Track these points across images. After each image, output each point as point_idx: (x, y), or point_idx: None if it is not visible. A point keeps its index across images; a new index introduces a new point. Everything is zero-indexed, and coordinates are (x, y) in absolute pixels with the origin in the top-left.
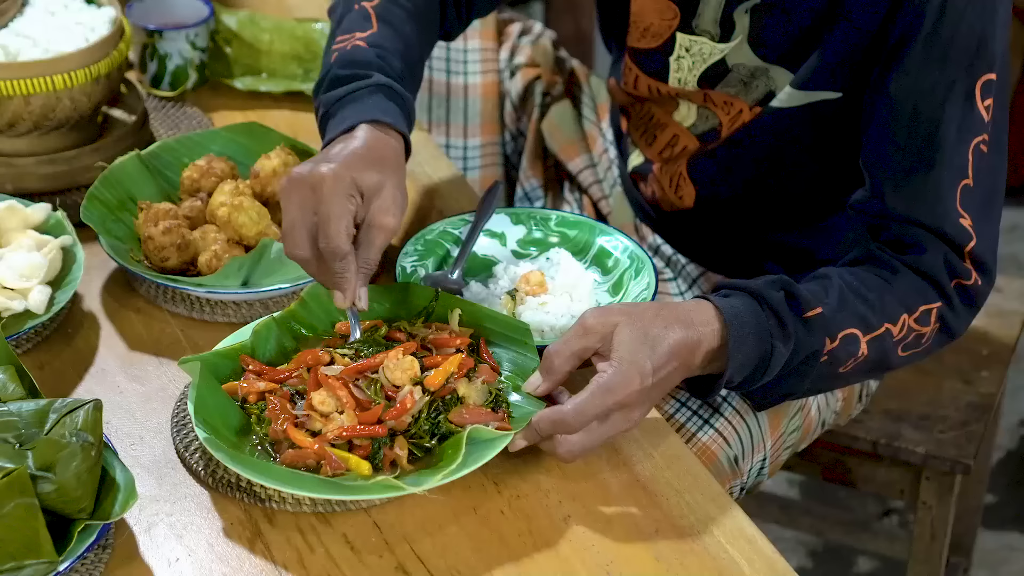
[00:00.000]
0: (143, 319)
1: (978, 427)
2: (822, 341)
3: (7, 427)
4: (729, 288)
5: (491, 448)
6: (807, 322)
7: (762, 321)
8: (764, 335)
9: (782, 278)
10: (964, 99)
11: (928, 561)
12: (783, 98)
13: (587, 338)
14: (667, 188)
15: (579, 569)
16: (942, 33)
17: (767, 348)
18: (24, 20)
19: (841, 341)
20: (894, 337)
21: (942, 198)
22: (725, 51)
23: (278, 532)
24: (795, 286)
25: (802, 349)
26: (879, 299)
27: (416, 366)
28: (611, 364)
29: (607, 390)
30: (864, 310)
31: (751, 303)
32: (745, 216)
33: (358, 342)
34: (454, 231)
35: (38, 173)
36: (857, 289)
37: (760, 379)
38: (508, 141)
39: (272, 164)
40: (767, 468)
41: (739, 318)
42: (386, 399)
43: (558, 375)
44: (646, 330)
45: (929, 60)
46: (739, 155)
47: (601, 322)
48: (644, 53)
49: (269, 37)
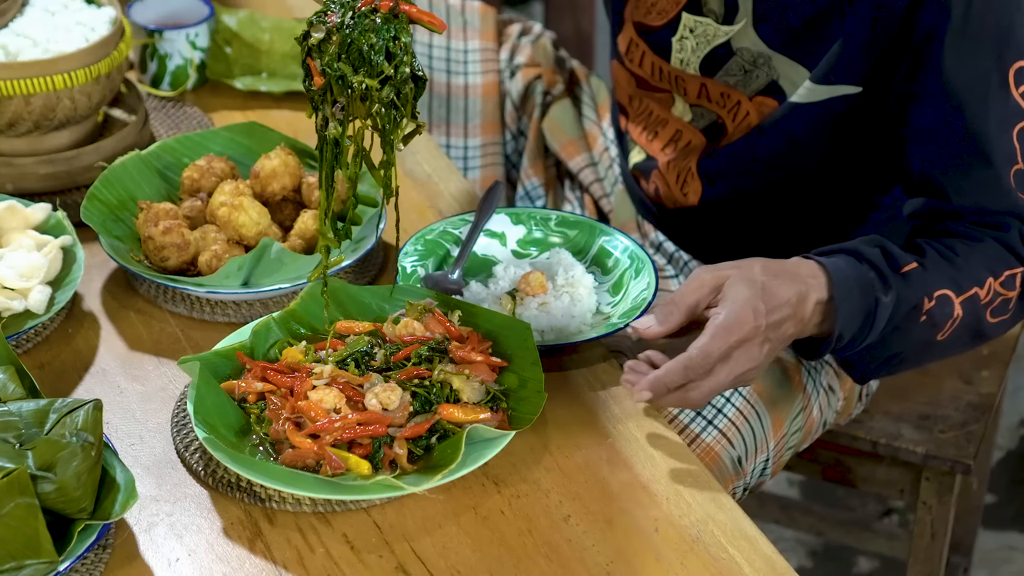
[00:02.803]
0: (143, 319)
1: (978, 427)
2: (920, 296)
3: (7, 427)
4: (826, 251)
5: (491, 448)
6: (905, 276)
7: (863, 275)
8: (867, 288)
9: (875, 237)
10: (1000, 88)
11: (928, 561)
12: (802, 93)
13: (700, 291)
14: (673, 185)
15: (579, 569)
16: (971, 25)
17: (871, 300)
18: (24, 20)
19: (937, 301)
20: (981, 300)
21: (1003, 186)
22: (729, 33)
23: (278, 532)
24: (889, 244)
25: (903, 303)
26: (965, 262)
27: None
28: (724, 306)
29: (725, 329)
30: (953, 272)
31: (850, 259)
32: (750, 215)
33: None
34: (454, 231)
35: (38, 173)
36: (944, 252)
37: (867, 335)
38: (509, 140)
39: (272, 164)
40: (770, 468)
41: (842, 272)
42: None
43: (671, 324)
44: (755, 278)
45: (962, 55)
46: (752, 152)
47: (714, 275)
48: (647, 29)
49: (269, 37)
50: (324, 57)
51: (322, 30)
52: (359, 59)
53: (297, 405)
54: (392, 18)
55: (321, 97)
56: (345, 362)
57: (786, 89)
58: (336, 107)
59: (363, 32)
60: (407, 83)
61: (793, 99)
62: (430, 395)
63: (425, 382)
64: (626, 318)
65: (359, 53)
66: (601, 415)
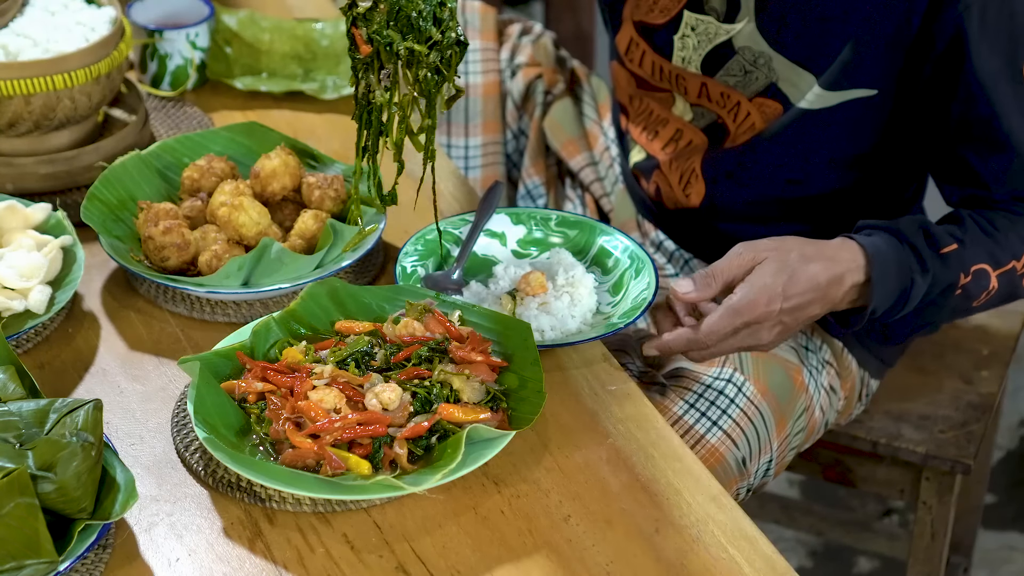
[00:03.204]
0: (143, 319)
1: (978, 427)
2: (957, 275)
3: (7, 427)
4: (870, 228)
5: (491, 448)
6: (944, 257)
7: (903, 257)
8: (905, 270)
9: (919, 217)
10: (1017, 83)
11: (928, 561)
12: (811, 99)
13: (737, 268)
14: (675, 185)
15: (579, 569)
16: (994, 18)
17: (907, 281)
18: (24, 20)
19: (974, 275)
20: (1018, 272)
21: None
22: (731, 32)
23: (278, 532)
24: (931, 224)
25: (939, 283)
26: (1005, 237)
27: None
28: (742, 288)
29: (734, 311)
30: (993, 246)
31: (892, 240)
32: (752, 218)
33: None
34: (454, 231)
35: (38, 173)
36: (985, 227)
37: (901, 310)
38: (509, 140)
39: (272, 164)
40: (773, 469)
41: (881, 254)
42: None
43: (708, 294)
44: (786, 261)
45: (982, 52)
46: (759, 157)
47: (752, 255)
48: (648, 28)
49: (269, 37)
50: (371, 25)
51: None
52: (407, 25)
53: (297, 405)
54: None
55: (366, 65)
56: (345, 362)
57: (788, 93)
58: (383, 73)
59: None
60: (452, 47)
61: (802, 105)
62: (430, 395)
63: (425, 382)
64: (626, 318)
65: (407, 20)
66: (601, 415)
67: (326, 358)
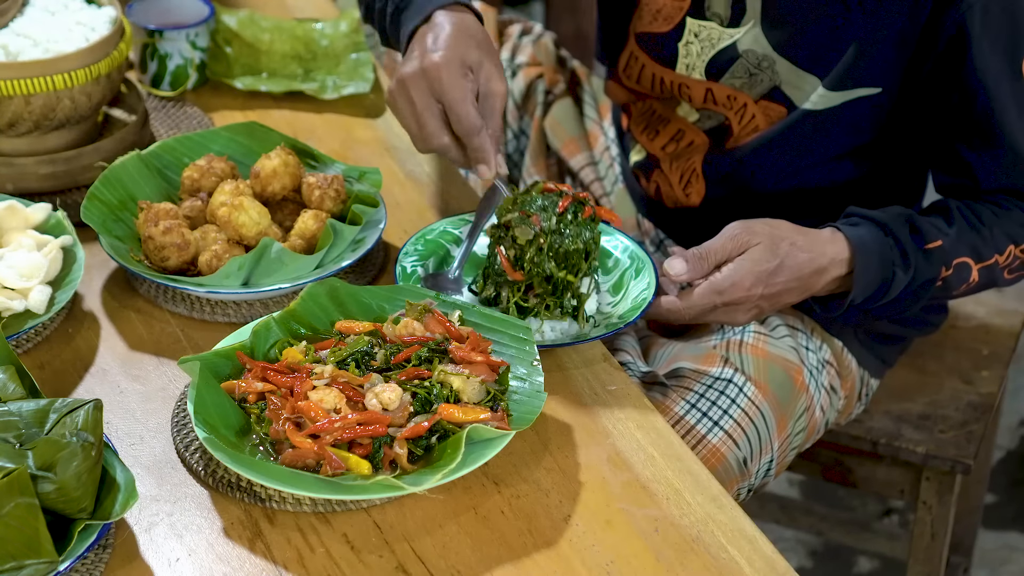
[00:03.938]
0: (143, 319)
1: (978, 427)
2: (939, 270)
3: (7, 427)
4: (859, 216)
5: (491, 448)
6: (927, 253)
7: (886, 251)
8: (887, 263)
9: (907, 210)
10: (1015, 80)
11: (928, 561)
12: (816, 100)
13: (730, 249)
14: (675, 184)
15: (579, 569)
16: (996, 17)
17: (889, 275)
18: (24, 20)
19: (955, 268)
20: (1000, 265)
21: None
22: (735, 36)
23: (278, 532)
24: (918, 218)
25: (920, 276)
26: (990, 232)
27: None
28: (728, 268)
29: (715, 291)
30: (977, 240)
31: (877, 232)
32: (751, 216)
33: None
34: (454, 231)
35: (38, 173)
36: (972, 221)
37: (880, 300)
38: (511, 139)
39: (272, 164)
40: (774, 469)
41: (866, 247)
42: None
43: (699, 274)
44: (777, 250)
45: (983, 50)
46: (761, 159)
47: (745, 238)
48: (652, 38)
49: (269, 37)
50: (528, 253)
51: (528, 232)
52: (562, 258)
53: (297, 405)
54: (590, 222)
55: (508, 283)
56: (345, 362)
57: (791, 96)
58: (527, 292)
59: (572, 239)
60: (591, 274)
61: (806, 106)
62: (430, 395)
63: (425, 382)
64: (626, 318)
65: (564, 254)
66: (601, 415)
67: (326, 358)
